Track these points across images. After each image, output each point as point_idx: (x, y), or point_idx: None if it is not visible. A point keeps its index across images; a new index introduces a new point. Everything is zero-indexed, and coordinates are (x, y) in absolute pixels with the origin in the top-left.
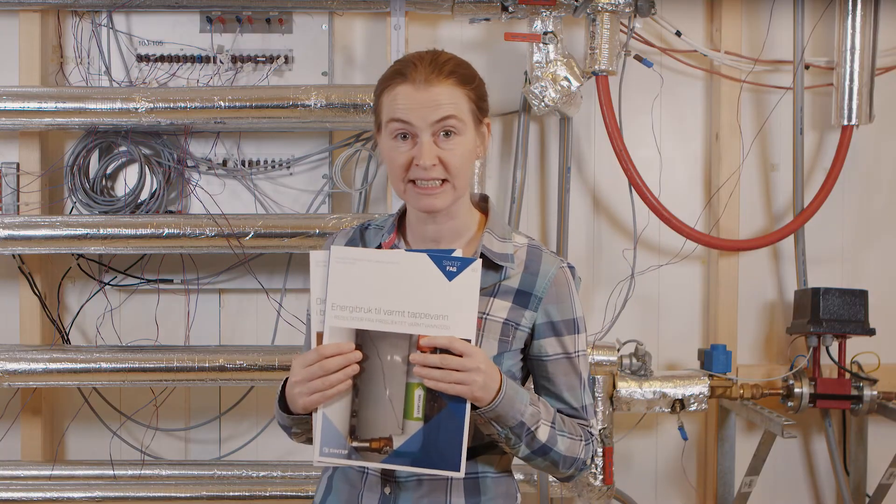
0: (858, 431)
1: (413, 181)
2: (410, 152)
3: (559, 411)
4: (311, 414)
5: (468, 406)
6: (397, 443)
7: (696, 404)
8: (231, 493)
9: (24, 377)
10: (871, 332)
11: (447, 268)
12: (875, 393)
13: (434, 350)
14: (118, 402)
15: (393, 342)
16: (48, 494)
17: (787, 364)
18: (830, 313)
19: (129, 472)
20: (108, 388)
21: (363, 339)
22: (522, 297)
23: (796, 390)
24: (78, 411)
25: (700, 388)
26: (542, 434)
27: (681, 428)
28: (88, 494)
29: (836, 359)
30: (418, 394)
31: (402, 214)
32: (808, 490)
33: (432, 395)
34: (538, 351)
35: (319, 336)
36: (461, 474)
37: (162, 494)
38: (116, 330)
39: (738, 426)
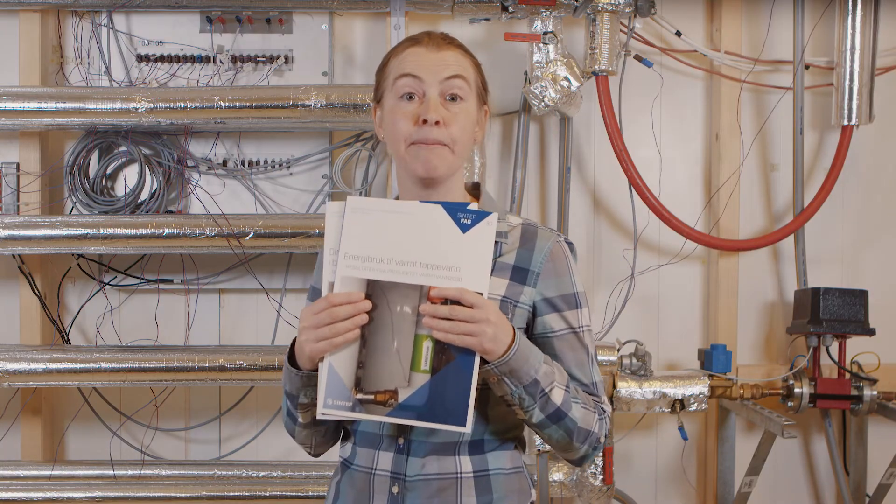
0: (858, 431)
1: (415, 142)
2: (416, 109)
3: None
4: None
5: (477, 359)
6: (403, 396)
7: (696, 404)
8: (231, 493)
9: (24, 377)
10: (871, 332)
11: (461, 220)
12: (875, 393)
13: (445, 302)
14: (118, 402)
15: (403, 293)
16: (48, 494)
17: (787, 364)
18: (830, 313)
19: (129, 472)
20: (108, 388)
21: (374, 290)
22: (519, 274)
23: (796, 390)
24: (78, 411)
25: (700, 388)
26: (557, 396)
27: (681, 428)
28: (88, 494)
29: (836, 359)
30: (426, 346)
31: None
32: (808, 490)
33: (441, 348)
34: (543, 328)
35: (331, 286)
36: (467, 429)
37: (162, 494)
38: (116, 330)
39: (738, 426)
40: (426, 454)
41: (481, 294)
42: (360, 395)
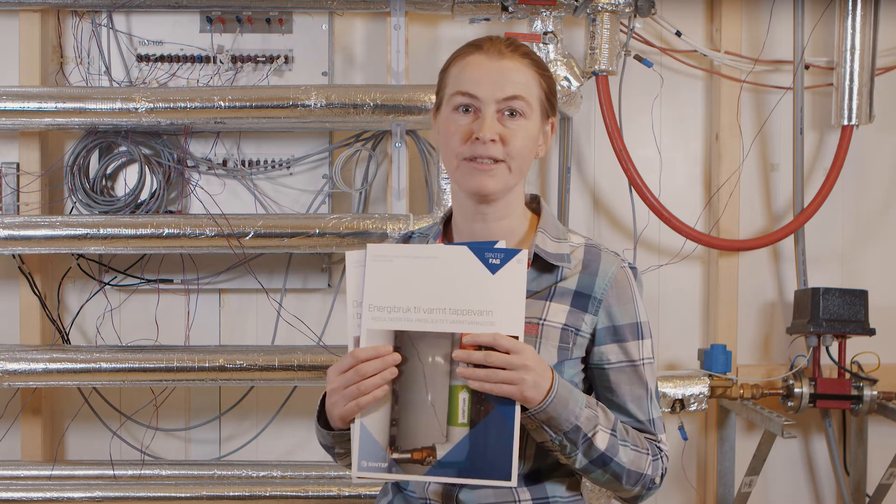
0: (858, 431)
1: (467, 158)
2: (471, 125)
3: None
4: (350, 429)
5: (517, 408)
6: (441, 452)
7: (696, 404)
8: (231, 493)
9: (24, 377)
10: (871, 332)
11: (490, 260)
12: (875, 393)
13: (479, 349)
14: (118, 402)
15: (434, 342)
16: (48, 494)
17: (787, 364)
18: (830, 313)
19: (129, 472)
20: (108, 388)
21: (402, 341)
22: (581, 300)
23: (796, 390)
24: (78, 411)
25: (700, 388)
26: (601, 441)
27: (681, 428)
28: (88, 494)
29: (836, 359)
30: (463, 397)
31: (449, 219)
32: (808, 490)
33: (478, 398)
34: (599, 358)
35: (357, 341)
36: (513, 483)
37: (162, 494)
38: (116, 330)
39: (738, 426)
40: (479, 487)
41: (517, 338)
42: (395, 455)
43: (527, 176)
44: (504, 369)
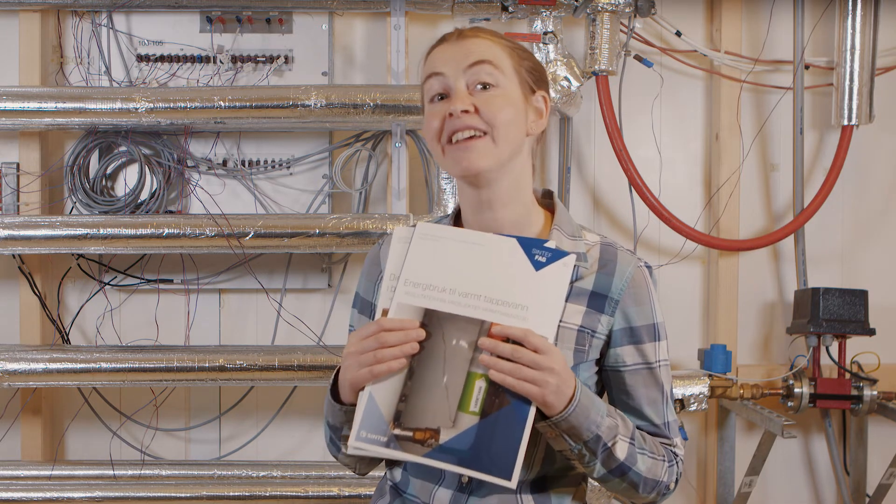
0: (858, 431)
1: (450, 140)
2: (445, 107)
3: (639, 428)
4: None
5: (533, 409)
6: (445, 437)
7: (696, 404)
8: (231, 493)
9: (24, 377)
10: (871, 332)
11: (536, 256)
12: (875, 393)
13: (507, 341)
14: (118, 402)
15: (462, 327)
16: (48, 494)
17: (787, 364)
18: (830, 313)
19: (129, 472)
20: (108, 388)
21: (430, 321)
22: (597, 301)
23: (796, 390)
24: (78, 411)
25: (700, 388)
26: (620, 451)
27: (681, 428)
28: (88, 494)
29: (836, 359)
30: (479, 385)
31: (459, 214)
32: (808, 490)
33: (495, 390)
34: (615, 360)
35: (385, 313)
36: (512, 484)
37: (162, 494)
38: (116, 330)
39: (738, 426)
40: (488, 493)
41: (547, 339)
42: (397, 431)
43: (532, 162)
44: (530, 368)
